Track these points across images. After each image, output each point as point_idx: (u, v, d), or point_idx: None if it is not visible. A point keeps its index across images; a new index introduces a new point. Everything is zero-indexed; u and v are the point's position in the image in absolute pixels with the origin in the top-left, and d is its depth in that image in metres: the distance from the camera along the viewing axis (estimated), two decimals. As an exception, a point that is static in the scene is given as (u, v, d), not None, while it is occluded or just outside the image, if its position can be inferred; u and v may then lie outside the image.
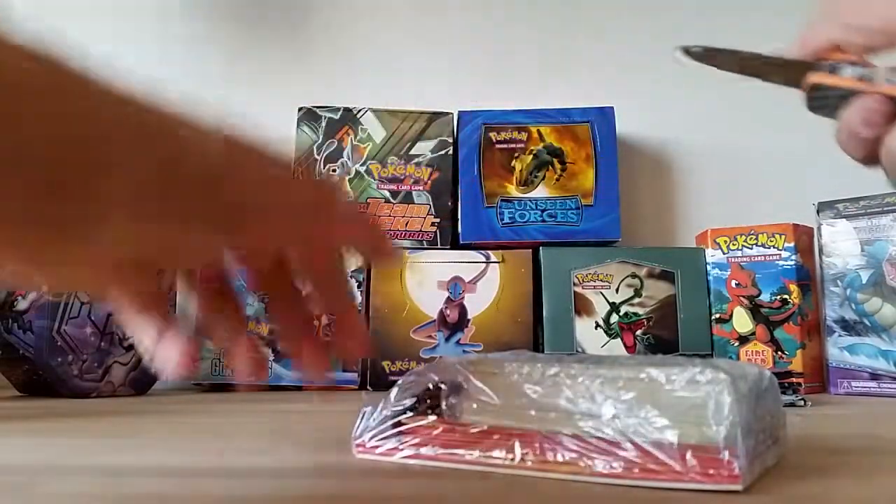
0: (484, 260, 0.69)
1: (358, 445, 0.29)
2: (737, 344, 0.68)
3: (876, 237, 0.63)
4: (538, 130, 0.72)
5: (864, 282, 0.64)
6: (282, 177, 0.25)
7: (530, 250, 0.70)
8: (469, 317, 0.68)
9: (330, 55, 0.86)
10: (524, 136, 0.72)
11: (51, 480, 0.25)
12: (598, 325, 0.68)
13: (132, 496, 0.24)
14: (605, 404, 0.25)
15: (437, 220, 0.72)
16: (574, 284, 0.68)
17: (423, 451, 0.27)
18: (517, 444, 0.26)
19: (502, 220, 0.71)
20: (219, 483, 0.25)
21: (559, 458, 0.25)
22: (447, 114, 0.74)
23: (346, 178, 0.72)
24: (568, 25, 0.86)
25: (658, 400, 0.24)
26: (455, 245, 0.73)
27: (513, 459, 0.26)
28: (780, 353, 0.66)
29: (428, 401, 0.28)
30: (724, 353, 0.68)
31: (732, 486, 0.22)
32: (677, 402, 0.24)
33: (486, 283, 0.69)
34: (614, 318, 0.68)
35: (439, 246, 0.71)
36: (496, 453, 0.26)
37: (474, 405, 0.27)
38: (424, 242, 0.71)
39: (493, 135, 0.72)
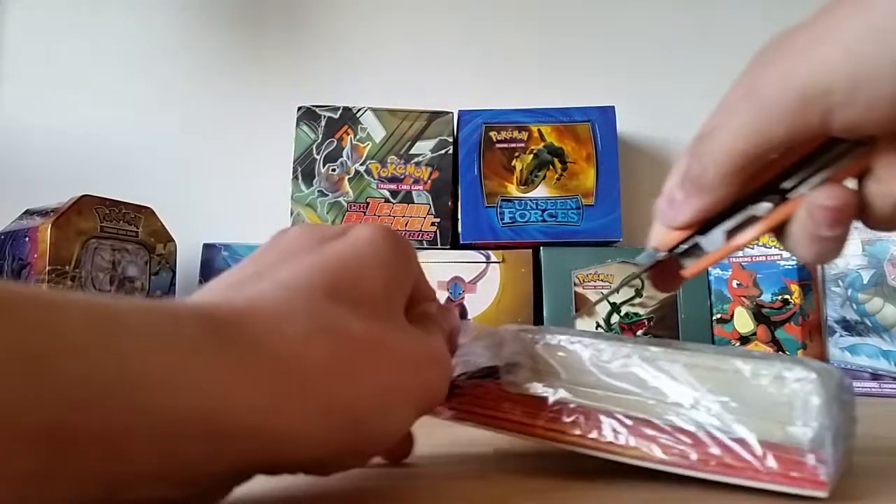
0: (484, 260, 0.69)
1: None
2: (738, 344, 0.67)
3: (877, 237, 0.63)
4: (539, 130, 0.72)
5: (865, 282, 0.64)
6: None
7: (531, 250, 0.70)
8: (469, 317, 0.68)
9: (329, 54, 0.86)
10: (524, 135, 0.72)
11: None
12: (598, 326, 0.68)
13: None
14: (683, 391, 0.23)
15: (437, 219, 0.71)
16: (575, 284, 0.68)
17: (480, 413, 0.26)
18: (582, 421, 0.24)
19: (502, 219, 0.71)
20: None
21: (628, 441, 0.23)
22: (447, 113, 0.73)
23: (346, 177, 0.72)
24: (568, 24, 0.86)
25: (741, 393, 0.23)
26: (455, 245, 0.72)
27: (580, 435, 0.24)
28: (781, 353, 0.66)
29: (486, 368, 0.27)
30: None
31: (817, 492, 0.21)
32: (762, 398, 0.22)
33: (486, 283, 0.69)
34: (615, 318, 0.68)
35: (439, 246, 0.71)
36: (556, 426, 0.24)
37: (536, 377, 0.26)
38: (424, 242, 0.71)
39: (493, 134, 0.72)
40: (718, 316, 0.68)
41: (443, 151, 0.72)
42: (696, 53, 0.84)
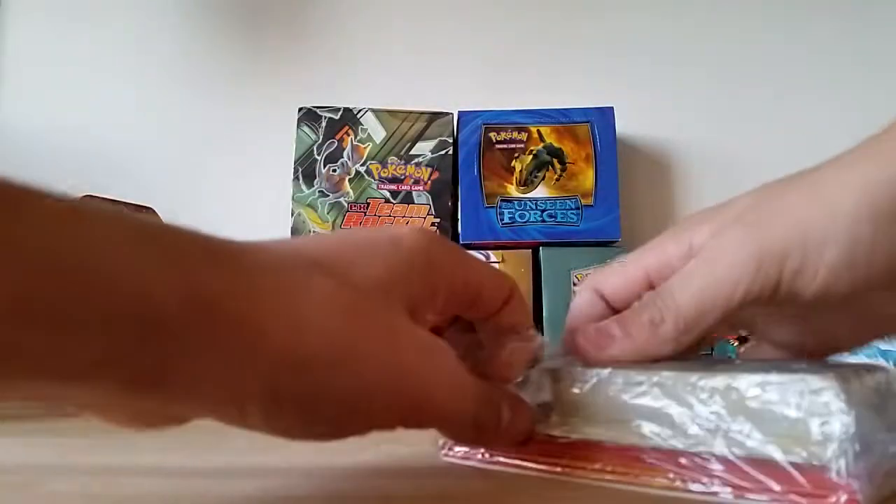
0: (484, 260, 0.69)
1: (442, 448, 0.28)
2: (736, 343, 0.68)
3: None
4: (538, 130, 0.72)
5: (863, 282, 0.64)
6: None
7: (530, 250, 0.70)
8: (469, 317, 0.68)
9: (330, 55, 0.86)
10: (524, 136, 0.72)
11: (51, 480, 0.26)
12: (597, 326, 0.68)
13: (132, 496, 0.24)
14: (695, 417, 0.22)
15: (437, 220, 0.72)
16: (574, 284, 0.68)
17: (504, 457, 0.26)
18: (608, 457, 0.24)
19: (502, 220, 0.71)
20: (218, 483, 0.25)
21: (655, 477, 0.23)
22: (447, 114, 0.74)
23: (347, 177, 0.72)
24: (567, 26, 0.86)
25: (754, 412, 0.21)
26: (455, 245, 0.73)
27: (609, 472, 0.24)
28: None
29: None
30: (724, 352, 0.68)
31: None
32: (777, 415, 0.21)
33: (486, 284, 0.69)
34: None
35: (439, 246, 0.71)
36: (581, 464, 0.24)
37: (555, 415, 0.25)
38: (424, 242, 0.71)
39: (493, 135, 0.73)
40: (717, 316, 0.68)
41: (443, 152, 0.73)
42: (694, 54, 0.84)
